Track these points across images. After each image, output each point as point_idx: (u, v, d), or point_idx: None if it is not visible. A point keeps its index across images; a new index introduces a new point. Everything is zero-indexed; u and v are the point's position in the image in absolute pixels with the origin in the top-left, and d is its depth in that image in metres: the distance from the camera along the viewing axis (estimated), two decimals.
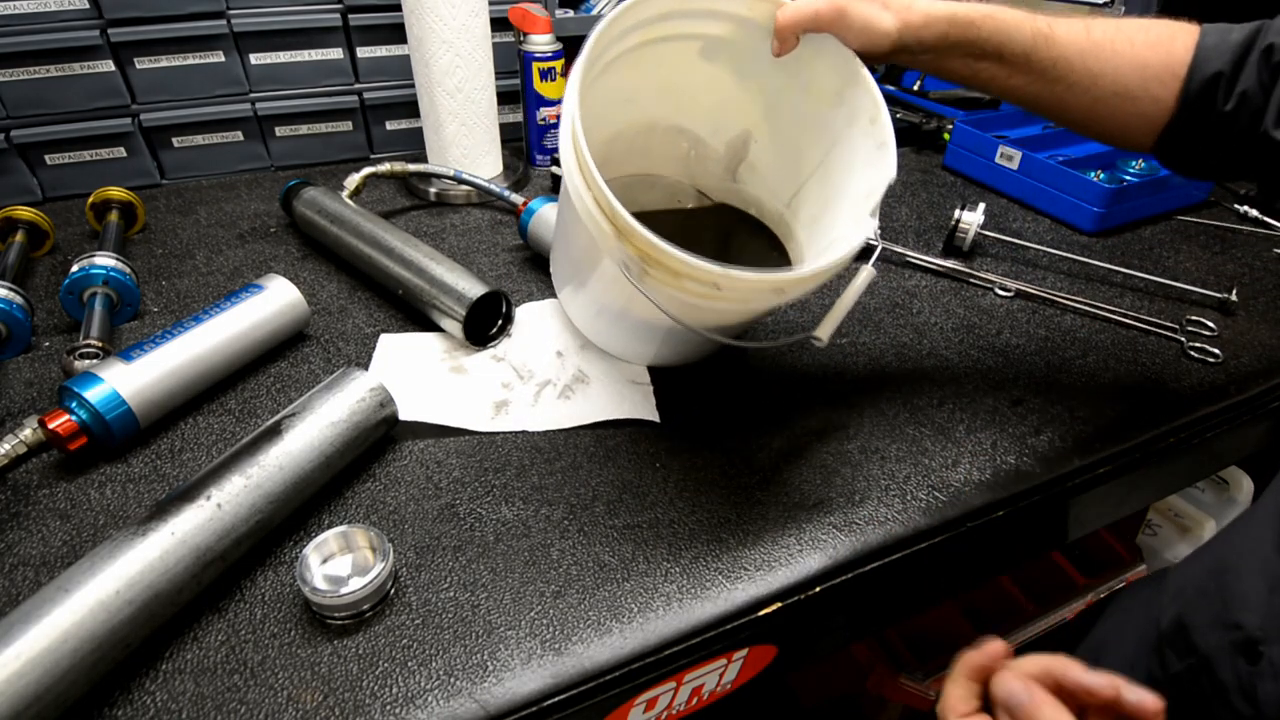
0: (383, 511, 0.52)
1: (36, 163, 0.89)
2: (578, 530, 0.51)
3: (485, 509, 0.52)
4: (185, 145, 0.95)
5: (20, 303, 0.64)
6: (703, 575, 0.48)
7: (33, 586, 0.46)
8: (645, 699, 0.48)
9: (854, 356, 0.68)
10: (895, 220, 0.93)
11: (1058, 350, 0.71)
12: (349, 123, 1.01)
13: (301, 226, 0.83)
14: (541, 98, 0.97)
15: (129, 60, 0.88)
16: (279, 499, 0.47)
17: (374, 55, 0.98)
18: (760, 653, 0.52)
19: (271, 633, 0.44)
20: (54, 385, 0.62)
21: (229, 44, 0.90)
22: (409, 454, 0.56)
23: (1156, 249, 0.89)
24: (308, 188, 0.82)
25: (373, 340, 0.68)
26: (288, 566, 0.48)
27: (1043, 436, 0.60)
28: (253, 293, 0.64)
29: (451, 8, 0.82)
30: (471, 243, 0.85)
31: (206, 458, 0.56)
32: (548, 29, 0.94)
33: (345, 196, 0.82)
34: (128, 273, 0.69)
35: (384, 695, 0.41)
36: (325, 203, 0.79)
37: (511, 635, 0.44)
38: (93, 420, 0.52)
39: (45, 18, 0.82)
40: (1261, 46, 0.49)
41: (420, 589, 0.46)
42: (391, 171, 0.87)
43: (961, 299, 0.78)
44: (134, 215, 0.84)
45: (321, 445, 0.50)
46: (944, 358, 0.69)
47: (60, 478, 0.53)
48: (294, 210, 0.82)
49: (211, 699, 0.40)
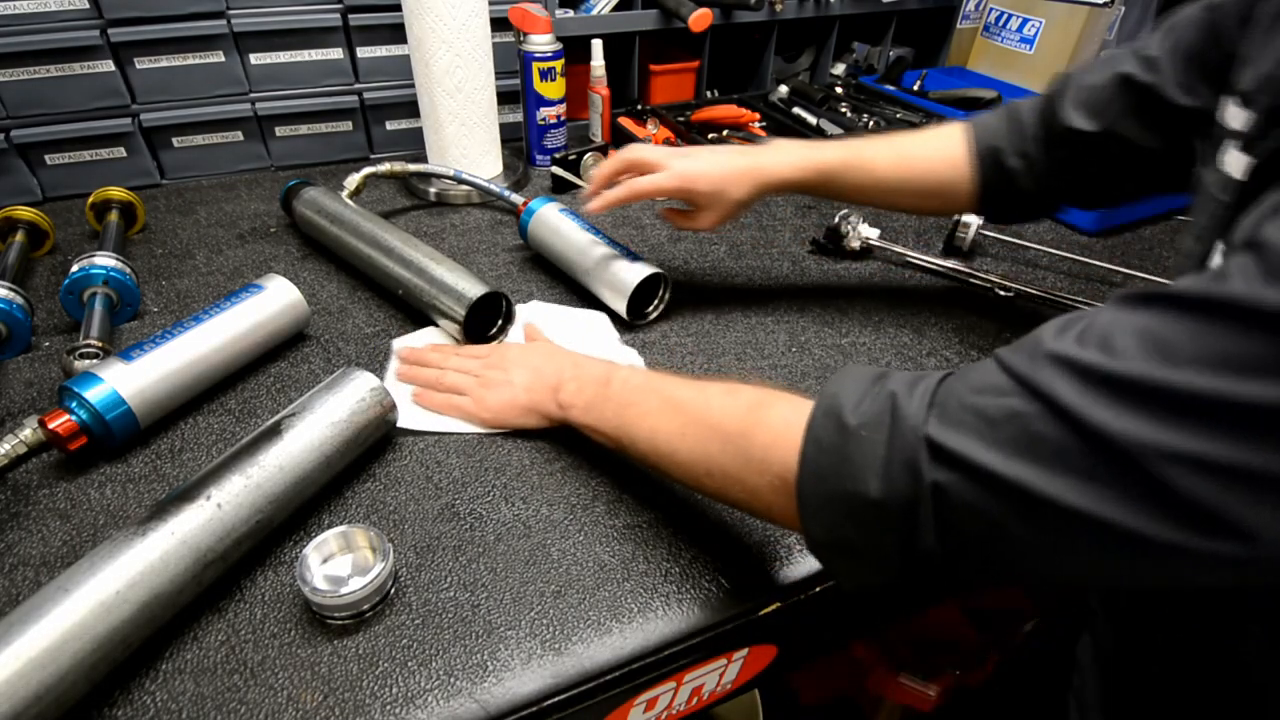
0: (383, 511, 0.52)
1: (36, 163, 0.89)
2: (578, 530, 0.51)
3: (485, 509, 0.52)
4: (185, 145, 0.95)
5: (20, 303, 0.64)
6: (703, 575, 0.48)
7: (33, 586, 0.46)
8: (645, 699, 0.48)
9: (854, 356, 0.68)
10: (895, 220, 0.93)
11: None
12: (349, 123, 1.01)
13: (301, 226, 0.83)
14: (541, 98, 0.97)
15: (129, 60, 0.88)
16: (279, 499, 0.47)
17: (374, 55, 0.98)
18: (760, 653, 0.52)
19: (271, 633, 0.44)
20: (54, 385, 0.62)
21: (229, 44, 0.90)
22: (409, 454, 0.56)
23: (1156, 249, 0.88)
24: (308, 188, 0.82)
25: (373, 340, 0.69)
26: (288, 566, 0.48)
27: None
28: (253, 293, 0.64)
29: (451, 8, 0.82)
30: (471, 242, 0.85)
31: (206, 458, 0.56)
32: (548, 29, 0.94)
33: (345, 196, 0.82)
34: (128, 273, 0.69)
35: (384, 695, 0.41)
36: (325, 203, 0.79)
37: (511, 635, 0.44)
38: (93, 420, 0.52)
39: (45, 18, 0.82)
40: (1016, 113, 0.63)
41: (420, 589, 0.46)
42: (391, 171, 0.87)
43: (961, 299, 0.78)
44: (134, 215, 0.84)
45: (321, 445, 0.50)
46: (944, 358, 0.69)
47: (60, 478, 0.53)
48: (294, 210, 0.82)
49: (211, 699, 0.40)
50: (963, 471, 0.31)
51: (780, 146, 0.67)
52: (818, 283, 0.80)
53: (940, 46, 1.37)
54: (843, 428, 0.35)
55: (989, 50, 1.35)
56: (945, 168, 0.65)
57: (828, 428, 0.36)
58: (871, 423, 0.34)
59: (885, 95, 1.21)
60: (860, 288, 0.79)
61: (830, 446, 0.36)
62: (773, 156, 0.66)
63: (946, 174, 0.65)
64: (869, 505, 0.34)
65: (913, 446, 0.32)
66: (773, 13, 1.14)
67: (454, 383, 0.60)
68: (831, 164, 0.65)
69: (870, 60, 1.34)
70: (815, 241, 0.87)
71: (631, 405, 0.49)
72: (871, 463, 0.33)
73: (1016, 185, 0.62)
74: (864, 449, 0.34)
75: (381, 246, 0.72)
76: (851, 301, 0.77)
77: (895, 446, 0.33)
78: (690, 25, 1.00)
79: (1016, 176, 0.62)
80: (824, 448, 0.36)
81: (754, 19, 1.13)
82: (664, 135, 1.08)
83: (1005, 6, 1.30)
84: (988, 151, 0.63)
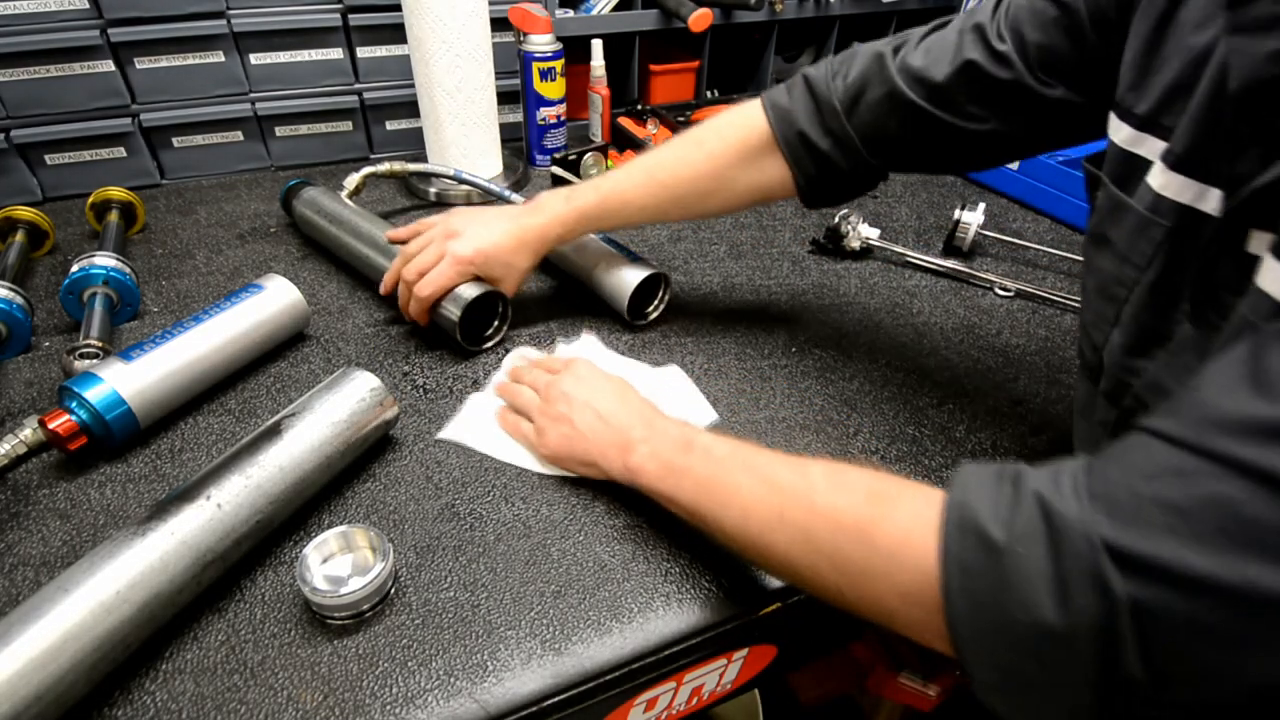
0: (383, 511, 0.52)
1: (36, 163, 0.89)
2: (578, 530, 0.51)
3: (485, 509, 0.52)
4: (185, 145, 0.95)
5: (20, 303, 0.64)
6: (703, 575, 0.48)
7: (33, 586, 0.46)
8: (645, 699, 0.48)
9: (854, 356, 0.68)
10: (895, 220, 0.93)
11: (1058, 350, 0.71)
12: (349, 123, 1.01)
13: (301, 226, 0.83)
14: (541, 98, 0.97)
15: (129, 60, 0.88)
16: (279, 499, 0.47)
17: (374, 55, 0.98)
18: (760, 653, 0.52)
19: (271, 633, 0.44)
20: (54, 385, 0.62)
21: (229, 44, 0.90)
22: (409, 454, 0.56)
23: None
24: (307, 188, 0.82)
25: (373, 340, 0.69)
26: (288, 566, 0.48)
27: (1043, 436, 0.60)
28: (253, 293, 0.64)
29: (451, 8, 0.82)
30: None
31: (206, 458, 0.56)
32: (548, 29, 0.94)
33: (345, 196, 0.82)
34: (128, 273, 0.69)
35: (384, 695, 0.41)
36: (324, 203, 0.79)
37: (511, 635, 0.44)
38: (93, 420, 0.52)
39: (45, 18, 0.82)
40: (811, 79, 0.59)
41: (420, 589, 0.46)
42: (391, 171, 0.87)
43: (961, 299, 0.78)
44: (134, 215, 0.84)
45: (321, 445, 0.50)
46: (944, 358, 0.69)
47: (60, 478, 0.53)
48: (294, 210, 0.82)
49: (211, 699, 0.40)
50: (1164, 580, 0.26)
51: (543, 206, 0.65)
52: (818, 283, 0.80)
53: None
54: (990, 546, 0.30)
55: None
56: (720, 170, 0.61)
57: (969, 546, 0.31)
58: (1026, 535, 0.30)
59: None
60: (860, 288, 0.79)
61: (980, 570, 0.31)
62: (536, 219, 0.65)
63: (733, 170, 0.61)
64: (1048, 635, 0.28)
65: (1089, 558, 0.27)
66: (773, 13, 1.14)
67: (526, 402, 0.58)
68: (588, 209, 0.64)
69: None
70: (815, 241, 0.87)
71: (717, 481, 0.44)
72: (1039, 583, 0.28)
73: (831, 164, 0.58)
74: (1024, 568, 0.29)
75: (380, 247, 0.72)
76: (851, 301, 0.77)
77: (1066, 561, 0.28)
78: (690, 25, 1.00)
79: (829, 156, 0.58)
80: (973, 572, 0.31)
81: (754, 19, 1.13)
82: (664, 135, 1.08)
83: None
84: (795, 136, 0.58)
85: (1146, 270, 0.40)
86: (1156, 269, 0.39)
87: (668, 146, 0.65)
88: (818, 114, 0.58)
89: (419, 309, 0.65)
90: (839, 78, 0.57)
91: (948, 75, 0.51)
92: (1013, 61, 0.49)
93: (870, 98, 0.55)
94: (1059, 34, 0.47)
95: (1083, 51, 0.46)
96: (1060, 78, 0.48)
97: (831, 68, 0.58)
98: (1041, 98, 0.49)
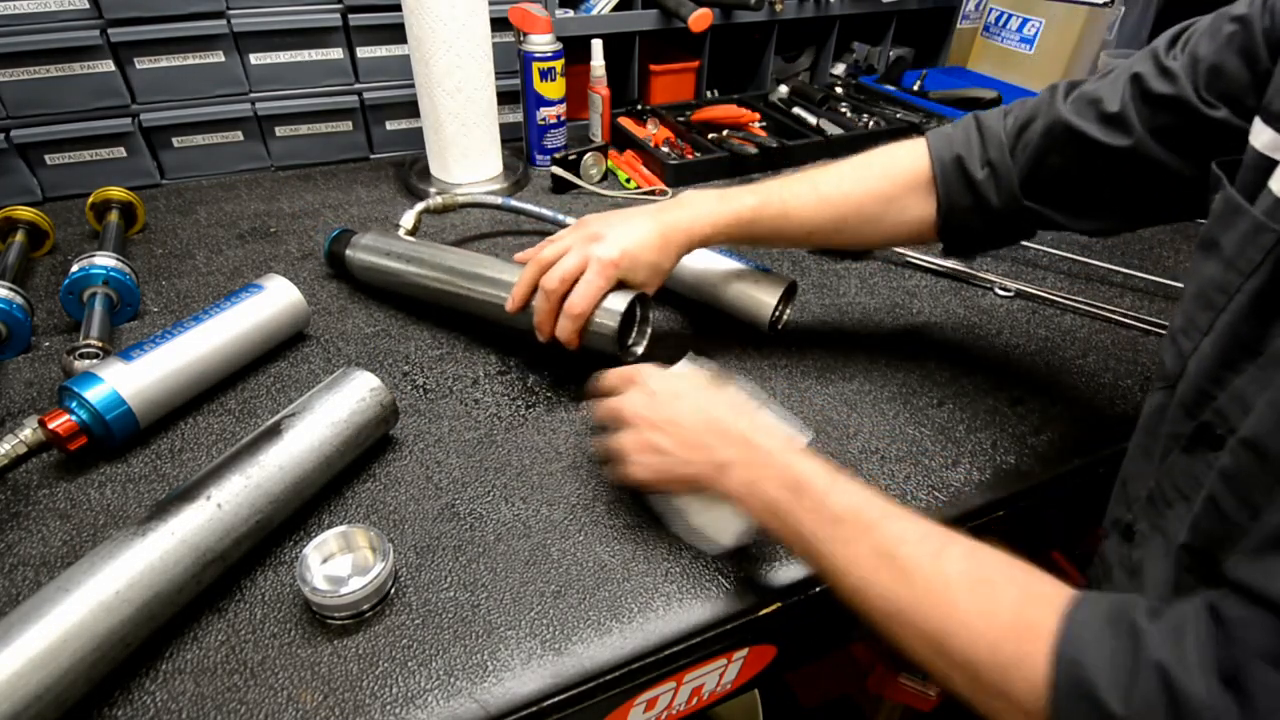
0: (383, 511, 0.52)
1: (36, 163, 0.89)
2: (578, 530, 0.51)
3: (485, 509, 0.52)
4: (185, 145, 0.95)
5: (20, 303, 0.64)
6: (703, 575, 0.48)
7: (33, 586, 0.46)
8: (645, 699, 0.48)
9: (854, 356, 0.68)
10: None
11: (1058, 350, 0.71)
12: (349, 123, 1.01)
13: (361, 274, 0.75)
14: (541, 98, 0.97)
15: (129, 60, 0.88)
16: (279, 499, 0.47)
17: (374, 55, 0.98)
18: (760, 653, 0.52)
19: (271, 633, 0.44)
20: (54, 385, 0.62)
21: (229, 44, 0.90)
22: (409, 454, 0.56)
23: (1156, 249, 0.88)
24: (358, 235, 0.75)
25: (373, 340, 0.68)
26: (288, 566, 0.48)
27: (1043, 436, 0.60)
28: (252, 293, 0.64)
29: (451, 8, 0.82)
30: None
31: (206, 458, 0.56)
32: (548, 29, 0.94)
33: (403, 235, 0.77)
34: (128, 273, 0.69)
35: (384, 695, 0.41)
36: (392, 245, 0.72)
37: (511, 635, 0.44)
38: (93, 420, 0.52)
39: (45, 18, 0.82)
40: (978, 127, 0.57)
41: (420, 589, 0.46)
42: (444, 205, 0.83)
43: (961, 299, 0.78)
44: (134, 215, 0.84)
45: (321, 445, 0.50)
46: (944, 358, 0.69)
47: (60, 478, 0.53)
48: (349, 260, 0.74)
49: (211, 699, 0.40)
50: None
51: (692, 201, 0.60)
52: (817, 283, 0.80)
53: (940, 46, 1.37)
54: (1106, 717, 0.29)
55: (989, 50, 1.35)
56: (886, 195, 0.59)
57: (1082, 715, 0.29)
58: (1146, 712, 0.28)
59: (885, 95, 1.21)
60: (860, 288, 0.79)
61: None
62: (682, 214, 0.59)
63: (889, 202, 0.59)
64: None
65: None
66: (773, 13, 1.14)
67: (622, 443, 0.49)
68: (744, 213, 0.59)
69: (870, 60, 1.34)
70: None
71: (833, 546, 0.40)
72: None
73: (982, 198, 0.56)
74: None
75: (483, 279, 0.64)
76: (851, 302, 0.77)
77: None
78: (690, 25, 1.00)
79: (982, 188, 0.56)
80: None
81: (754, 19, 1.13)
82: (664, 135, 1.08)
83: (1005, 6, 1.30)
84: (951, 160, 0.57)
85: (1251, 277, 0.38)
86: (1262, 276, 0.37)
87: (832, 165, 0.61)
88: (981, 144, 0.56)
89: (572, 329, 0.56)
90: (1011, 115, 0.56)
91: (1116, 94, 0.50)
92: (1177, 76, 0.47)
93: (1035, 128, 0.54)
94: (1233, 54, 0.45)
95: (1254, 74, 0.44)
96: (1225, 100, 0.46)
97: (1006, 108, 0.57)
98: (1203, 117, 0.46)
